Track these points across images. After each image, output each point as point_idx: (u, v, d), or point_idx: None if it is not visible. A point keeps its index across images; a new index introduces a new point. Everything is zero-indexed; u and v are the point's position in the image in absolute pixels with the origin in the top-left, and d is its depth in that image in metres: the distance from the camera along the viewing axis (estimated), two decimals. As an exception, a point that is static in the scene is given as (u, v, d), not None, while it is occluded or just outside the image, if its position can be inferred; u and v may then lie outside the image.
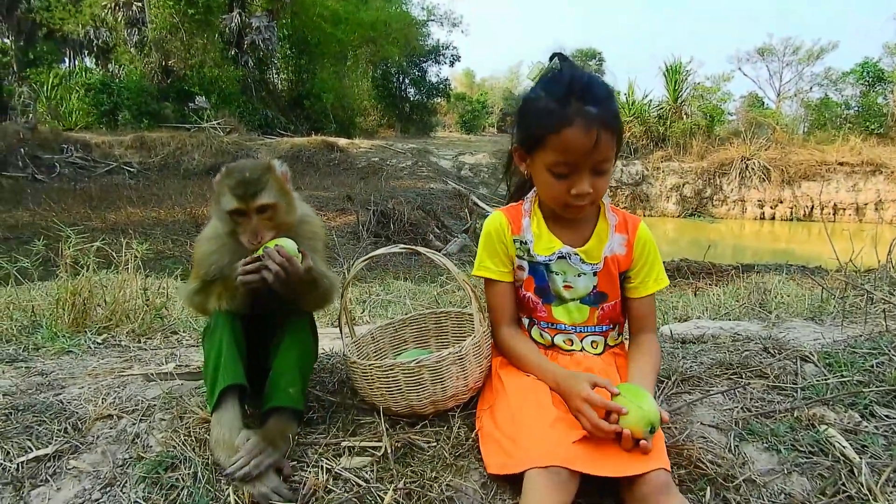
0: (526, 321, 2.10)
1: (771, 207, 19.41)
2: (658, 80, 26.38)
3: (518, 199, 2.15)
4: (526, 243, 2.02)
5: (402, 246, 2.09)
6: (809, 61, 29.77)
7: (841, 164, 19.16)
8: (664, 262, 8.24)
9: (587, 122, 1.76)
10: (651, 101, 22.70)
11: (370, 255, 2.06)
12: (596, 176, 1.85)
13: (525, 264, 2.04)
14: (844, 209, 19.09)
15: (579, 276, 2.01)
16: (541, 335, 2.07)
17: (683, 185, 19.96)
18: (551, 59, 1.97)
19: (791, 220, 19.15)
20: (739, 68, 31.80)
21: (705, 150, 20.50)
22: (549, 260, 2.00)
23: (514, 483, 1.73)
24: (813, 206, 19.18)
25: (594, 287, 2.02)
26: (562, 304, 2.04)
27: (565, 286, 2.01)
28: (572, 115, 1.77)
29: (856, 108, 24.22)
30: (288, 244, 1.87)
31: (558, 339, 2.04)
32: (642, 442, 1.63)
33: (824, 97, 26.14)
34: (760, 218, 19.44)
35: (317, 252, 2.07)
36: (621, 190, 20.09)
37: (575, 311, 2.04)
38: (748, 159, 19.45)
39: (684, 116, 21.94)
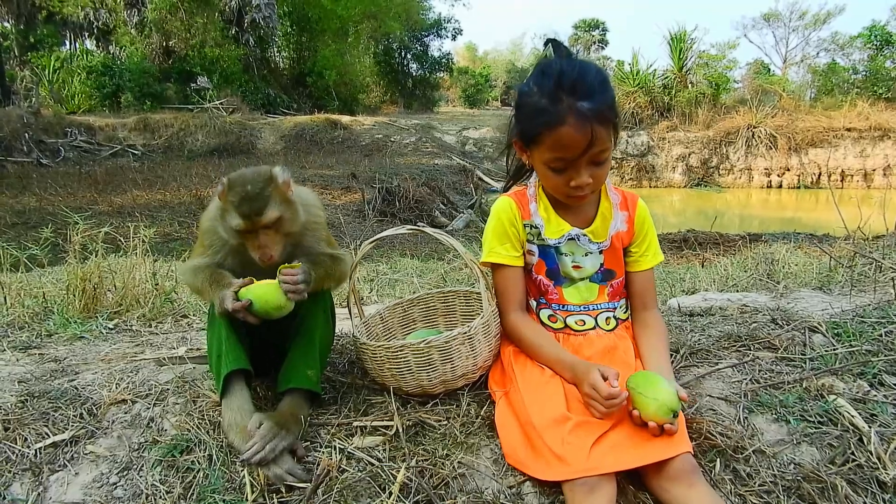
0: (533, 304, 2.10)
1: (778, 175, 19.30)
2: (663, 49, 26.10)
3: (518, 179, 2.16)
4: (536, 227, 2.03)
5: (409, 227, 2.09)
6: (816, 26, 29.27)
7: (848, 129, 19.03)
8: (671, 233, 8.21)
9: (580, 119, 1.74)
10: (655, 70, 22.48)
11: (377, 237, 2.06)
12: (595, 166, 1.84)
13: (535, 248, 2.05)
14: (852, 175, 18.99)
15: (586, 255, 2.03)
16: (549, 318, 2.07)
17: (689, 154, 19.84)
18: (545, 45, 1.95)
19: (798, 187, 19.05)
20: (745, 35, 31.46)
21: (711, 119, 20.36)
22: (559, 242, 2.02)
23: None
24: (820, 174, 19.08)
25: (601, 265, 2.05)
26: (572, 285, 2.05)
27: (574, 266, 2.03)
28: (564, 112, 1.75)
29: (863, 73, 23.92)
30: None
31: (570, 321, 2.05)
32: (667, 426, 1.66)
33: (831, 62, 25.83)
34: (767, 186, 19.34)
35: (320, 238, 2.08)
36: (627, 161, 19.97)
37: (585, 290, 2.05)
38: (754, 127, 19.32)
39: (689, 85, 21.70)
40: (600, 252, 2.04)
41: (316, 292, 2.01)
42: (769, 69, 29.42)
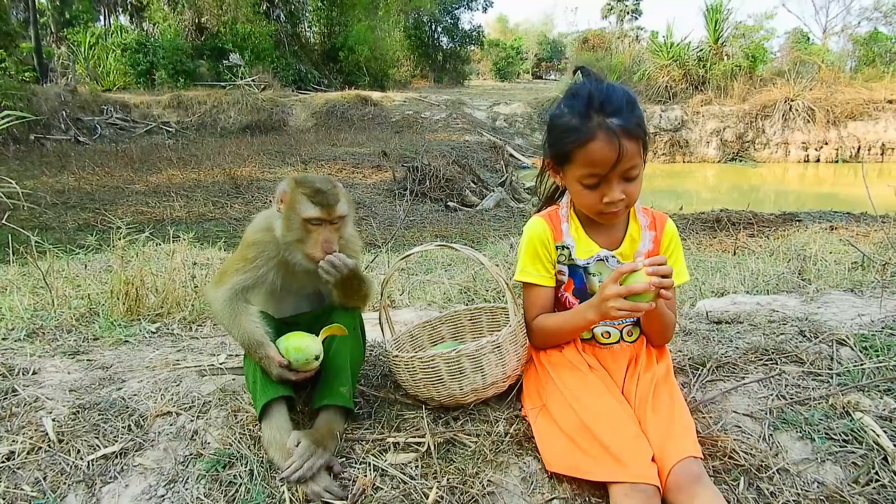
0: None
1: (815, 150, 18.86)
2: (698, 21, 25.55)
3: (550, 203, 2.20)
4: (567, 248, 2.08)
5: (439, 243, 2.15)
6: (859, -7, 28.40)
7: (890, 101, 18.52)
8: (704, 213, 8.09)
9: (609, 134, 1.82)
10: (690, 43, 22.00)
11: (406, 254, 2.13)
12: (626, 182, 1.91)
13: (565, 269, 2.10)
14: (893, 149, 18.43)
15: None
16: None
17: (724, 129, 19.47)
18: (575, 73, 2.00)
19: (836, 161, 18.60)
20: (783, 4, 30.78)
21: (747, 92, 19.92)
22: (588, 263, 2.07)
23: (559, 477, 1.84)
24: (860, 147, 18.57)
25: None
26: None
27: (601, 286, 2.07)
28: (594, 128, 1.84)
29: (908, 42, 23.21)
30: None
31: (597, 331, 2.11)
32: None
33: (873, 31, 25.06)
34: (804, 161, 18.92)
35: (357, 256, 2.15)
36: (660, 136, 19.66)
37: None
38: (792, 100, 18.85)
39: (725, 58, 21.22)
40: None
41: (344, 309, 2.13)
42: (808, 39, 28.65)
